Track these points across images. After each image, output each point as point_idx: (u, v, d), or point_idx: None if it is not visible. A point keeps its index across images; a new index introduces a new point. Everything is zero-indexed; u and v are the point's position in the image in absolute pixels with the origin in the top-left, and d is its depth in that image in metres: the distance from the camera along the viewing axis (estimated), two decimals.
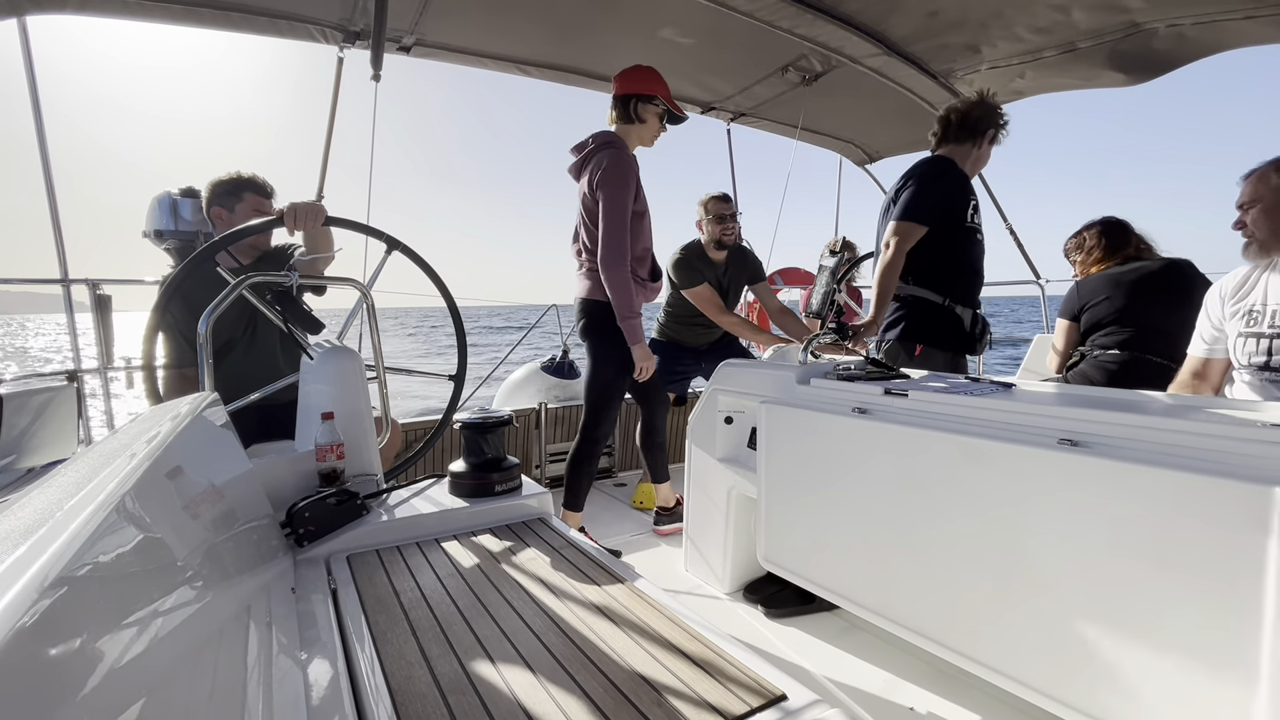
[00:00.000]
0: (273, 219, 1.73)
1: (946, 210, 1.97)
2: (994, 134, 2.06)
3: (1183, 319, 1.80)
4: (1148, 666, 0.94)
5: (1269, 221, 1.52)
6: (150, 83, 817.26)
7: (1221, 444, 0.92)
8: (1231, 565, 0.85)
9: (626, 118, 2.15)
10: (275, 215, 1.73)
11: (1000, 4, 2.17)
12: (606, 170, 2.02)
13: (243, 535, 0.91)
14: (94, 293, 2.20)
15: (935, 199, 1.97)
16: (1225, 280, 1.67)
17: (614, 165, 2.03)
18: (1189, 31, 2.11)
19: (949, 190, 1.99)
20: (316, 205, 1.75)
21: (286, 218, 1.71)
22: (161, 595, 0.51)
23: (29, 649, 0.30)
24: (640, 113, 2.14)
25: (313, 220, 1.73)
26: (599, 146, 2.10)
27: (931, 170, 2.01)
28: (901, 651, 1.52)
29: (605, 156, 2.05)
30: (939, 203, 1.97)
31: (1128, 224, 2.30)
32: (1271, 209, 1.52)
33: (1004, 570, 1.13)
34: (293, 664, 0.85)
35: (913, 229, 1.95)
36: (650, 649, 0.91)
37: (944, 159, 2.03)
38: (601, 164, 2.04)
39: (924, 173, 2.01)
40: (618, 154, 2.05)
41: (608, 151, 2.07)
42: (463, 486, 1.54)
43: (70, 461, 0.74)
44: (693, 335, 2.89)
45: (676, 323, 2.89)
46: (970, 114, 2.03)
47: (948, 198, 1.98)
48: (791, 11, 2.25)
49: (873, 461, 1.38)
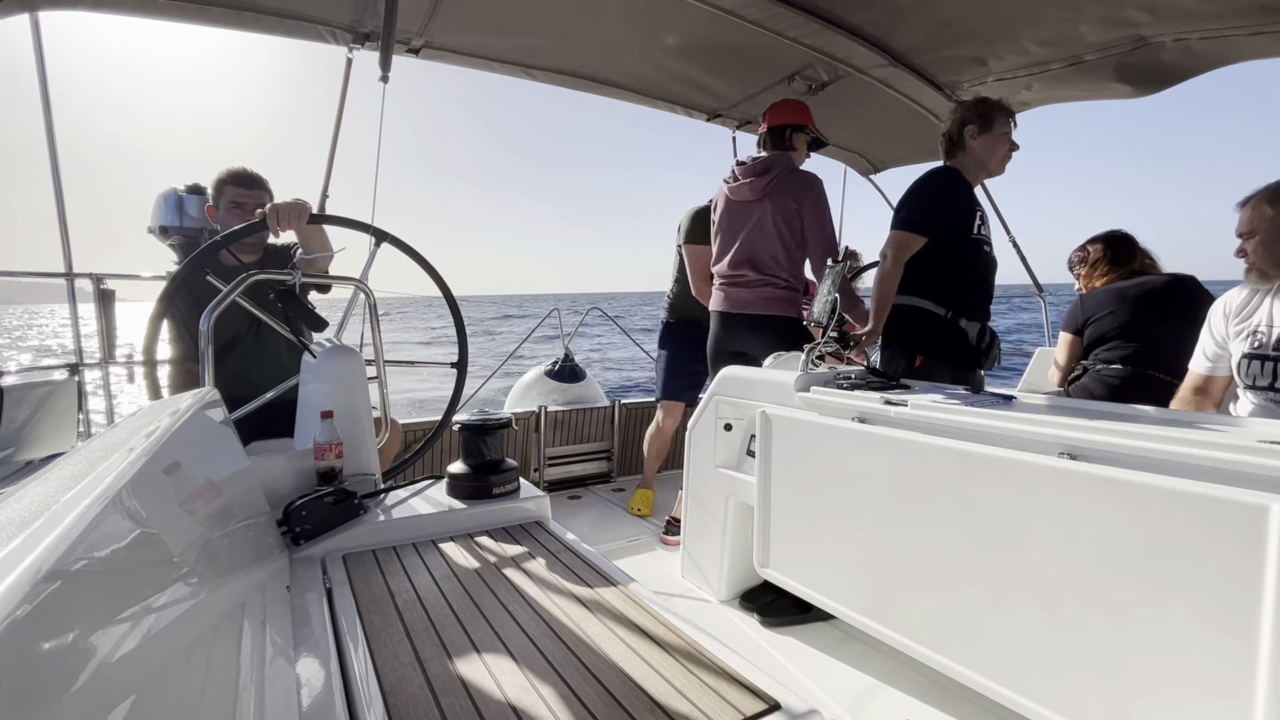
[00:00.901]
0: (254, 222, 1.69)
1: (951, 221, 1.96)
2: (1006, 132, 2.01)
3: (1186, 335, 1.79)
4: (1143, 680, 0.94)
5: (1267, 253, 1.54)
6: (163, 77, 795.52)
7: (1220, 459, 0.92)
8: (1229, 579, 0.85)
9: (781, 146, 2.34)
10: (258, 218, 1.69)
11: (1008, 17, 2.17)
12: (818, 192, 2.24)
13: (239, 532, 0.91)
14: (97, 287, 2.21)
15: (937, 209, 1.96)
16: (1229, 296, 1.66)
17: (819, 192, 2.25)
18: (1196, 46, 2.11)
19: (951, 200, 1.97)
20: (299, 204, 1.71)
21: (269, 219, 1.67)
22: (156, 590, 0.51)
23: (22, 641, 0.30)
24: (794, 141, 2.35)
25: (296, 219, 1.69)
26: (788, 170, 2.28)
27: (932, 180, 2.00)
28: (897, 662, 1.52)
29: (804, 177, 2.27)
30: (940, 213, 1.96)
31: (1133, 238, 2.30)
32: (1269, 241, 1.54)
33: (1001, 582, 1.12)
34: (286, 663, 0.84)
35: (911, 239, 1.95)
36: (645, 655, 0.90)
37: (949, 169, 2.02)
38: (810, 185, 2.24)
39: (925, 183, 2.00)
40: (811, 176, 2.28)
41: (803, 174, 2.29)
42: (461, 488, 1.54)
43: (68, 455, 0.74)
44: (701, 309, 2.83)
45: (688, 296, 2.80)
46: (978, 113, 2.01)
47: (951, 208, 1.97)
48: (798, 20, 2.26)
49: (871, 471, 1.38)
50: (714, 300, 2.45)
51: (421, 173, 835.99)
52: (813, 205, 2.22)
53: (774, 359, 2.00)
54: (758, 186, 2.28)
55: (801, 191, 2.23)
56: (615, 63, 2.67)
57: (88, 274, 2.21)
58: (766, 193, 2.27)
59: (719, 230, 2.43)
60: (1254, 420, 1.16)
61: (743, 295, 2.32)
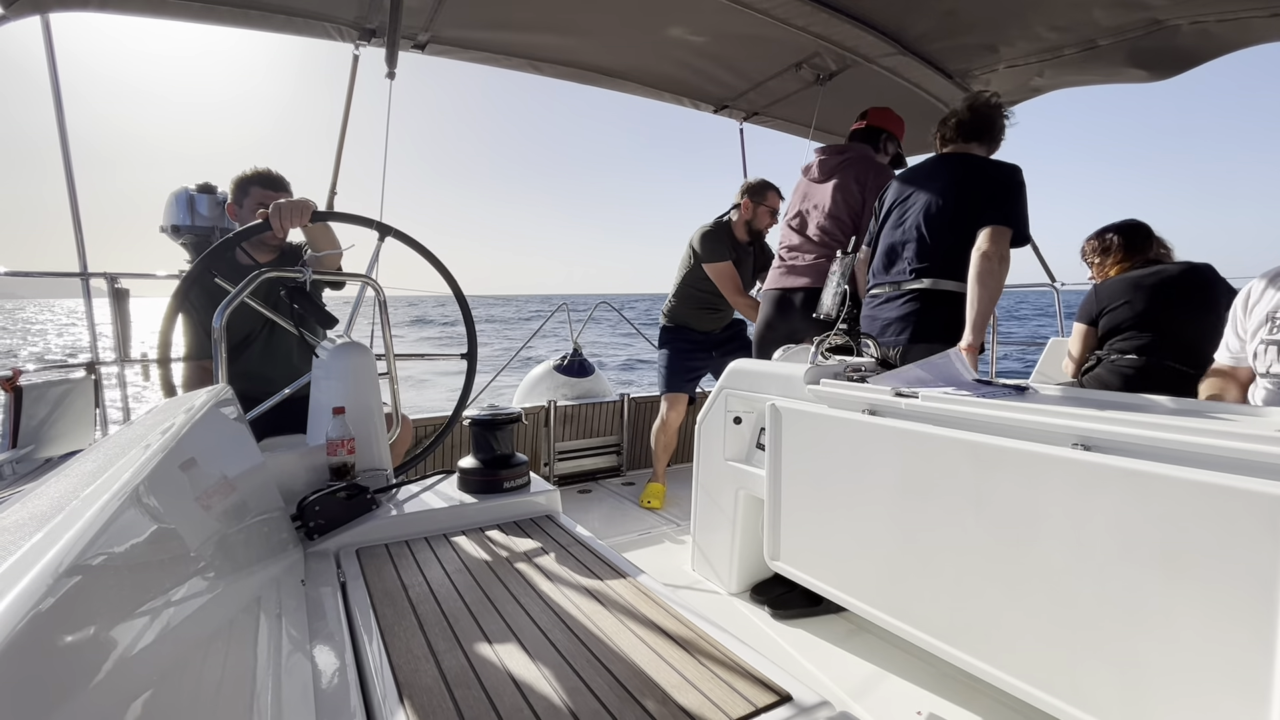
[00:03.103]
0: (258, 223, 1.68)
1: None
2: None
3: (1202, 325, 1.76)
4: (1157, 673, 0.93)
5: None
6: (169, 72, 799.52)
7: (1236, 449, 0.90)
8: (1245, 571, 0.84)
9: (874, 146, 2.42)
10: (260, 218, 1.67)
11: (1020, 4, 2.14)
12: (886, 180, 2.17)
13: (254, 527, 0.92)
14: (112, 286, 2.24)
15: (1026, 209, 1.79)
16: (1254, 285, 1.63)
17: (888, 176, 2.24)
18: (1213, 29, 2.07)
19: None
20: (302, 202, 1.70)
21: (271, 219, 1.65)
22: (173, 585, 0.52)
23: (46, 634, 0.31)
24: (885, 147, 2.43)
25: (299, 218, 1.67)
26: (863, 156, 2.34)
27: (1020, 177, 1.81)
28: (909, 655, 1.51)
29: (877, 165, 2.34)
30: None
31: (1148, 227, 2.26)
32: None
33: (1014, 573, 1.12)
34: (302, 656, 0.86)
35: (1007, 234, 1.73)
36: (656, 647, 0.91)
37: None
38: (881, 171, 2.29)
39: (1018, 179, 1.80)
40: (886, 168, 2.34)
41: (878, 164, 2.35)
42: (471, 483, 1.55)
43: (86, 451, 0.76)
44: (701, 319, 2.89)
45: (688, 305, 2.87)
46: (987, 115, 1.89)
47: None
48: (806, 9, 2.24)
49: (882, 463, 1.37)
50: (770, 279, 2.53)
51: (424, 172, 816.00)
52: (875, 189, 2.23)
53: (783, 352, 1.99)
54: (828, 166, 2.37)
55: (865, 172, 2.30)
56: (621, 55, 2.66)
57: (102, 273, 2.24)
58: (836, 171, 2.35)
59: (790, 215, 2.52)
60: (1271, 410, 1.14)
61: (799, 269, 2.39)
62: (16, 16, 1.82)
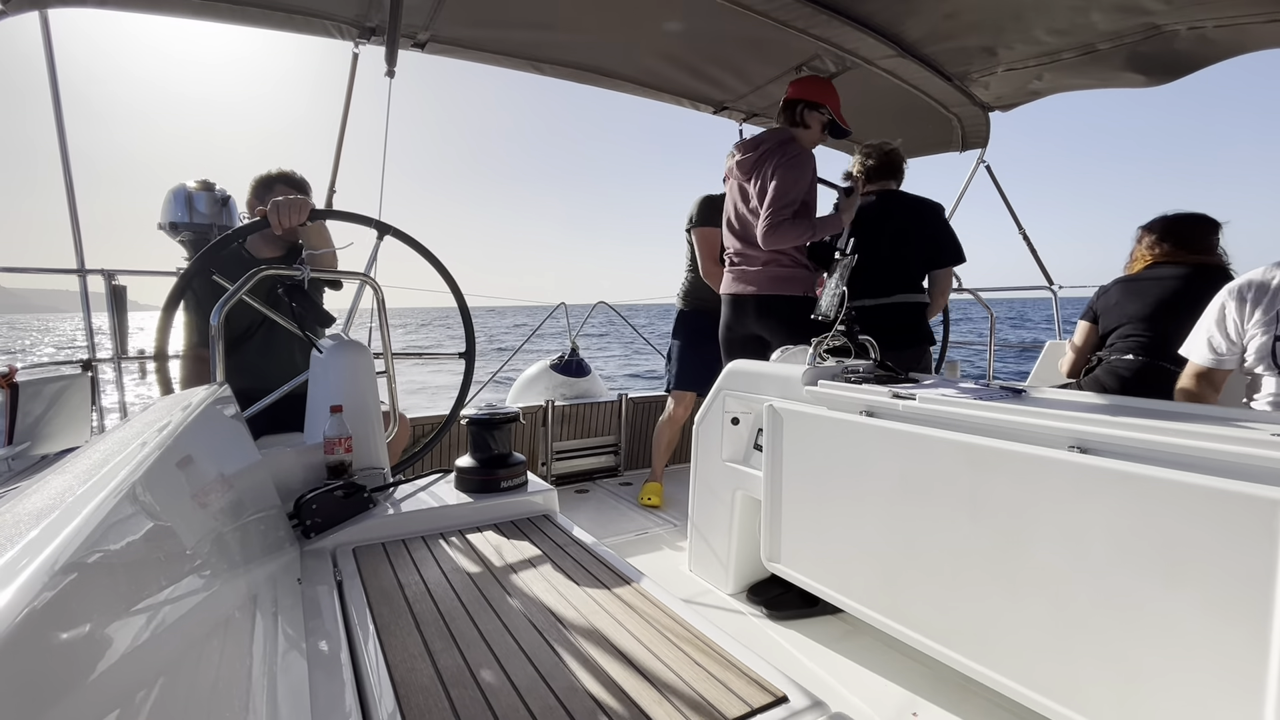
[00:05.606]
0: (257, 221, 1.68)
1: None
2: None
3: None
4: (1154, 675, 0.93)
5: None
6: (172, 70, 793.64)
7: (1232, 452, 0.91)
8: (1241, 574, 0.84)
9: (792, 121, 2.26)
10: (258, 215, 1.68)
11: (1019, 6, 2.14)
12: (790, 154, 2.14)
13: (250, 525, 0.92)
14: (109, 283, 2.23)
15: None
16: (1254, 279, 1.57)
17: (797, 155, 2.15)
18: (1211, 34, 2.07)
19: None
20: (300, 200, 1.71)
21: (270, 216, 1.66)
22: (169, 582, 0.51)
23: (41, 631, 0.31)
24: (805, 118, 2.25)
25: (298, 216, 1.68)
26: (779, 143, 2.19)
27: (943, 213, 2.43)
28: (905, 656, 1.52)
29: (789, 146, 2.19)
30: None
31: (1199, 225, 2.09)
32: None
33: (1011, 576, 1.12)
34: (297, 654, 0.85)
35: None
36: (652, 647, 0.91)
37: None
38: (782, 149, 2.16)
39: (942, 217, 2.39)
40: (798, 146, 2.18)
41: (791, 144, 2.20)
42: (469, 482, 1.55)
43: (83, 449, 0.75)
44: (715, 296, 2.82)
45: (701, 283, 2.80)
46: (894, 161, 2.48)
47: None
48: (806, 11, 2.24)
49: (879, 464, 1.37)
50: (724, 283, 2.44)
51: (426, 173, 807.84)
52: (777, 166, 2.09)
53: (781, 353, 1.99)
54: (746, 164, 2.22)
55: (780, 159, 2.11)
56: (621, 55, 2.66)
57: (100, 270, 2.24)
58: (754, 169, 2.19)
59: (727, 213, 2.41)
60: (1267, 413, 1.15)
61: (749, 276, 2.28)
62: (15, 12, 1.81)
